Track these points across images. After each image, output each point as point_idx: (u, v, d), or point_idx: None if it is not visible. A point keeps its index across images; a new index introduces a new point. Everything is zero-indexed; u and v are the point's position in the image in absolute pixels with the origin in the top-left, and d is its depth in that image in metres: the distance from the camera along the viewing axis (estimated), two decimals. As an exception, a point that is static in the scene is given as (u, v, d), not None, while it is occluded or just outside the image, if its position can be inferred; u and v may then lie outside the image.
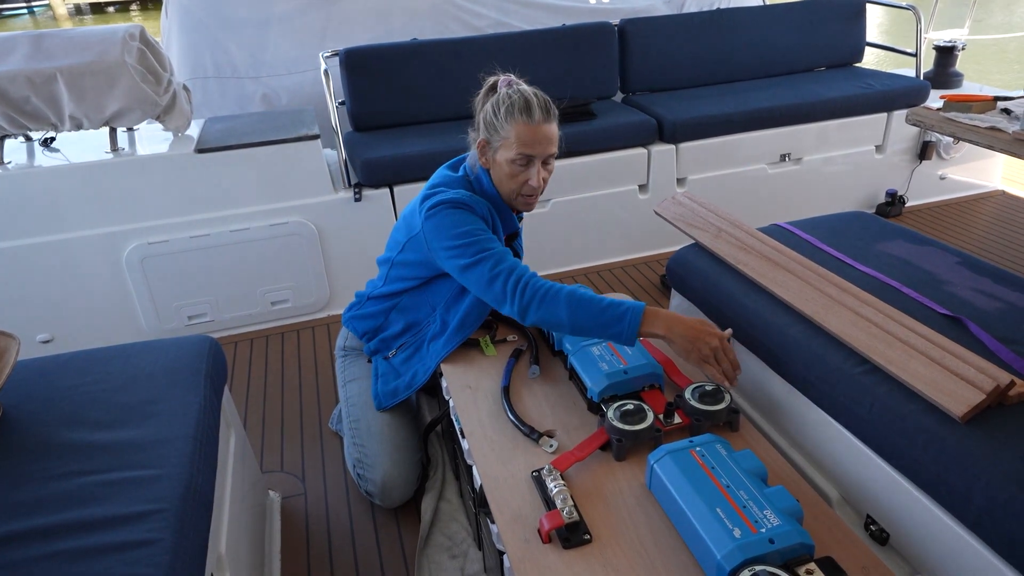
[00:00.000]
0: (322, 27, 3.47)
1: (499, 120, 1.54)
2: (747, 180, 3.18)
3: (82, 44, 2.29)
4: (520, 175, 1.57)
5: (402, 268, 1.74)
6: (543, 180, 1.59)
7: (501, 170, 1.58)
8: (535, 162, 1.56)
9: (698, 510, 1.05)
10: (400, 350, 1.81)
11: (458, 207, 1.55)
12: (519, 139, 1.52)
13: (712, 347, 1.35)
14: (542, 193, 1.65)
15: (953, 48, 3.62)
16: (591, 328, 1.39)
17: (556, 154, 1.60)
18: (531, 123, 1.52)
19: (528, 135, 1.52)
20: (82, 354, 1.43)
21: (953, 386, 1.14)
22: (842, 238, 1.80)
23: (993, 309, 1.43)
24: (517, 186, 1.59)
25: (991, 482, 1.03)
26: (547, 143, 1.55)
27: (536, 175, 1.57)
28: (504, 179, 1.59)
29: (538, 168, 1.57)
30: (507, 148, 1.54)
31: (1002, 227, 3.29)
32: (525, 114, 1.52)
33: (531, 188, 1.58)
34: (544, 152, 1.56)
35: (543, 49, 3.13)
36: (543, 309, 1.41)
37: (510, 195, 1.62)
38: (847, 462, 1.33)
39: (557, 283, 1.44)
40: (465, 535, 1.69)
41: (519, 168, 1.56)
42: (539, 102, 1.54)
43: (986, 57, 8.77)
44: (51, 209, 2.38)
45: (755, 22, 3.46)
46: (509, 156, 1.55)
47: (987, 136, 2.10)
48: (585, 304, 1.38)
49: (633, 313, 1.36)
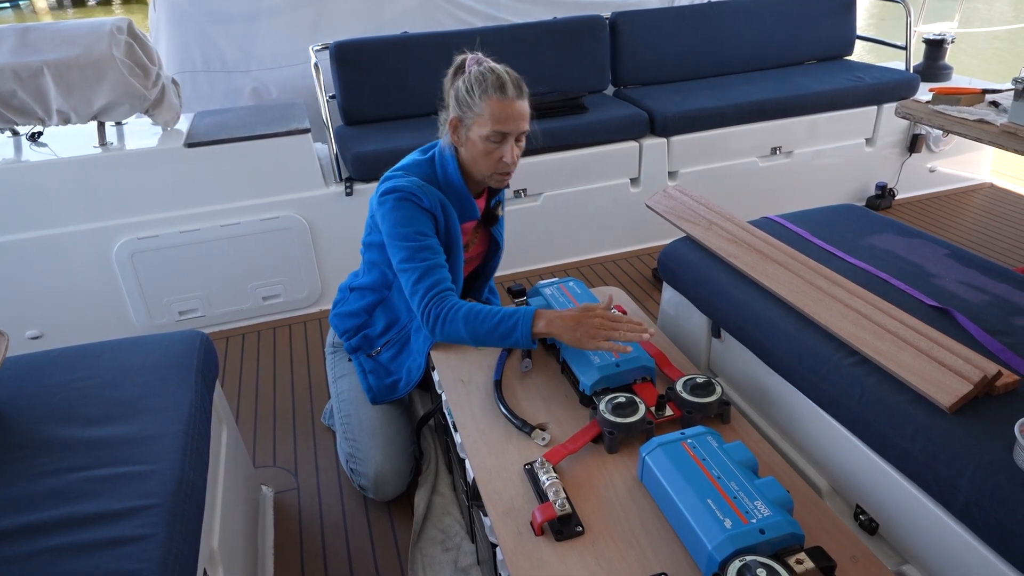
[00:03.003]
0: (312, 20, 3.45)
1: (473, 98, 1.55)
2: (738, 173, 3.19)
3: (69, 38, 2.27)
4: (494, 152, 1.58)
5: (373, 251, 1.76)
6: (516, 157, 1.60)
7: (475, 148, 1.59)
8: (509, 139, 1.57)
9: (689, 501, 1.06)
10: (385, 348, 1.82)
11: (405, 200, 1.57)
12: (493, 116, 1.53)
13: (596, 324, 1.38)
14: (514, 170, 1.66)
15: (943, 41, 3.63)
16: (491, 341, 1.49)
17: (528, 131, 1.61)
18: (505, 99, 1.53)
19: (502, 112, 1.53)
20: (72, 350, 1.42)
21: (941, 377, 1.15)
22: (832, 231, 1.81)
23: (981, 301, 1.44)
24: (492, 163, 1.59)
25: (978, 471, 1.04)
26: (521, 120, 1.56)
27: (510, 151, 1.58)
28: (478, 157, 1.60)
29: (512, 145, 1.58)
30: (481, 125, 1.55)
31: (990, 219, 3.32)
32: (499, 91, 1.53)
33: (506, 165, 1.59)
34: (518, 129, 1.57)
35: (534, 42, 3.13)
36: (446, 329, 1.51)
37: (484, 173, 1.62)
38: (837, 453, 1.34)
39: (460, 302, 1.52)
40: (458, 528, 1.69)
41: (493, 145, 1.57)
42: (512, 79, 1.56)
43: (976, 50, 8.81)
44: (39, 204, 2.36)
45: (746, 15, 3.47)
46: (483, 133, 1.55)
47: (975, 128, 2.12)
48: (481, 320, 1.48)
49: (524, 320, 1.45)
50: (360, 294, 1.84)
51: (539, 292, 1.70)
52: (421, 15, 3.56)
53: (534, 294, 1.71)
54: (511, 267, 3.04)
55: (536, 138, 1.75)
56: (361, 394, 1.82)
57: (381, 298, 1.82)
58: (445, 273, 1.57)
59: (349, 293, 1.88)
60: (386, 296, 1.81)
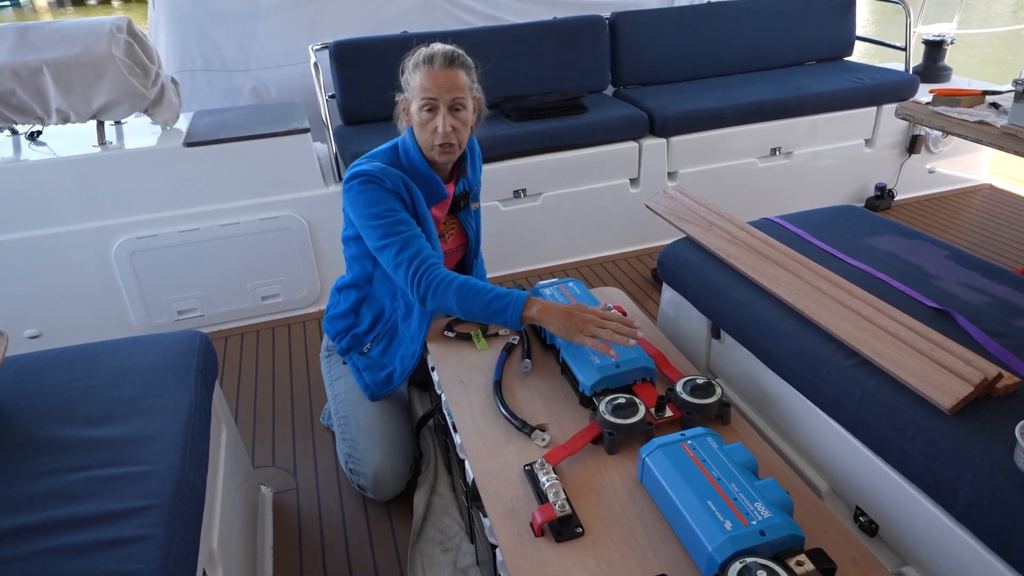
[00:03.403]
0: (311, 20, 3.45)
1: (407, 75, 1.62)
2: (737, 174, 3.19)
3: (69, 37, 2.27)
4: (429, 123, 1.60)
5: (351, 245, 1.79)
6: (452, 127, 1.60)
7: (415, 122, 1.63)
8: (440, 107, 1.59)
9: (689, 503, 1.06)
10: (375, 343, 1.83)
11: (369, 182, 1.59)
12: (422, 85, 1.58)
13: (586, 319, 1.42)
14: (461, 147, 1.67)
15: (942, 42, 3.63)
16: (480, 316, 1.54)
17: (466, 102, 1.62)
18: (432, 69, 1.57)
19: (429, 80, 1.57)
20: (71, 350, 1.42)
21: (941, 379, 1.15)
22: (832, 232, 1.81)
23: (981, 302, 1.44)
24: (429, 135, 1.61)
25: (979, 473, 1.04)
26: (449, 87, 1.58)
27: (443, 121, 1.59)
28: (419, 131, 1.63)
29: (444, 113, 1.59)
30: (416, 98, 1.60)
31: (990, 220, 3.32)
32: (427, 63, 1.58)
33: (440, 135, 1.60)
34: (447, 96, 1.58)
35: (534, 42, 3.13)
36: (437, 298, 1.54)
37: (428, 148, 1.64)
38: (837, 454, 1.34)
39: (453, 273, 1.55)
40: (458, 529, 1.69)
41: (427, 115, 1.60)
42: (443, 51, 1.59)
43: (975, 50, 8.82)
44: (38, 203, 2.35)
45: (745, 16, 3.47)
46: (418, 104, 1.60)
47: (976, 130, 2.12)
48: (474, 295, 1.52)
49: (516, 302, 1.50)
50: (346, 294, 1.85)
51: (539, 292, 1.70)
52: (421, 15, 3.56)
53: (534, 294, 1.71)
54: (510, 267, 3.04)
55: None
56: (358, 394, 1.82)
57: (364, 294, 1.83)
58: (425, 243, 1.59)
59: (338, 295, 1.89)
60: (368, 291, 1.82)
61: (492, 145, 2.79)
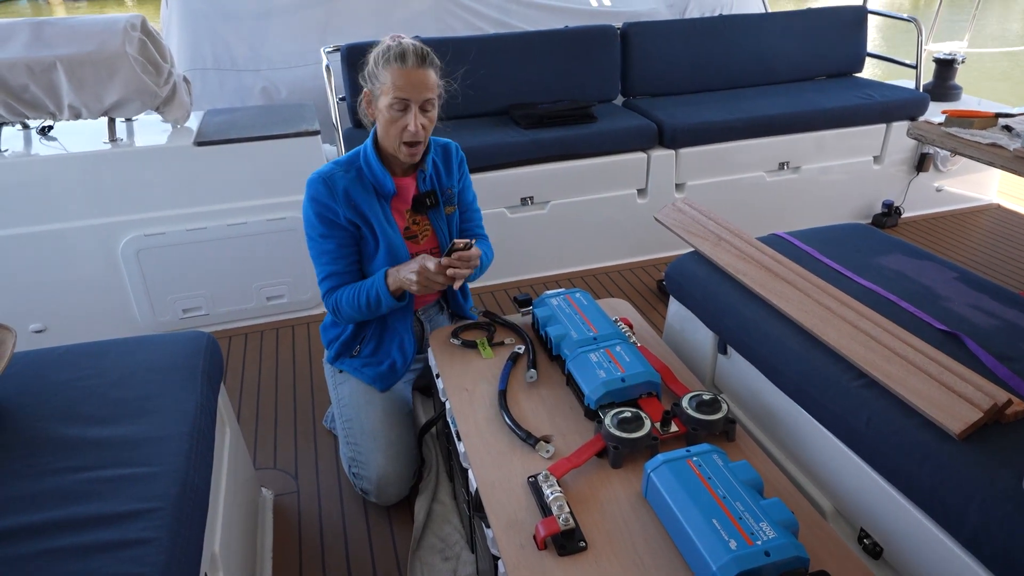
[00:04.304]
0: (323, 22, 3.46)
1: (378, 69, 1.61)
2: (745, 187, 3.19)
3: (83, 33, 2.27)
4: (399, 120, 1.61)
5: None
6: (422, 127, 1.62)
7: (383, 118, 1.64)
8: (411, 106, 1.60)
9: (694, 520, 1.06)
10: (363, 344, 1.85)
11: (310, 200, 1.69)
12: (394, 84, 1.58)
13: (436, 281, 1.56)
14: (427, 145, 1.71)
15: (953, 61, 3.64)
16: (376, 312, 1.71)
17: (435, 101, 1.64)
18: (404, 68, 1.57)
19: (402, 79, 1.57)
20: (78, 347, 1.42)
21: (950, 403, 1.15)
22: (841, 250, 1.81)
23: (990, 326, 1.44)
24: (397, 132, 1.63)
25: (987, 500, 1.04)
26: (422, 87, 1.59)
27: (413, 120, 1.60)
28: (386, 127, 1.64)
29: (415, 113, 1.60)
30: (385, 94, 1.60)
31: (997, 241, 3.31)
32: (399, 60, 1.58)
33: (410, 134, 1.61)
34: (419, 96, 1.60)
35: (545, 50, 3.13)
36: (342, 317, 1.75)
37: (393, 145, 1.66)
38: (842, 475, 1.33)
39: (341, 290, 1.71)
40: (458, 537, 1.69)
41: (397, 113, 1.60)
42: (415, 50, 1.59)
43: (986, 69, 8.82)
44: (47, 198, 2.36)
45: (757, 30, 3.47)
46: (387, 102, 1.60)
47: (988, 152, 2.11)
48: (356, 298, 1.68)
49: (380, 288, 1.65)
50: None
51: (545, 302, 1.70)
52: (433, 19, 3.57)
53: (540, 304, 1.71)
54: (516, 274, 3.04)
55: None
56: (363, 398, 1.81)
57: None
58: (340, 267, 1.71)
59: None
60: None
61: (500, 152, 2.79)
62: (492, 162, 2.80)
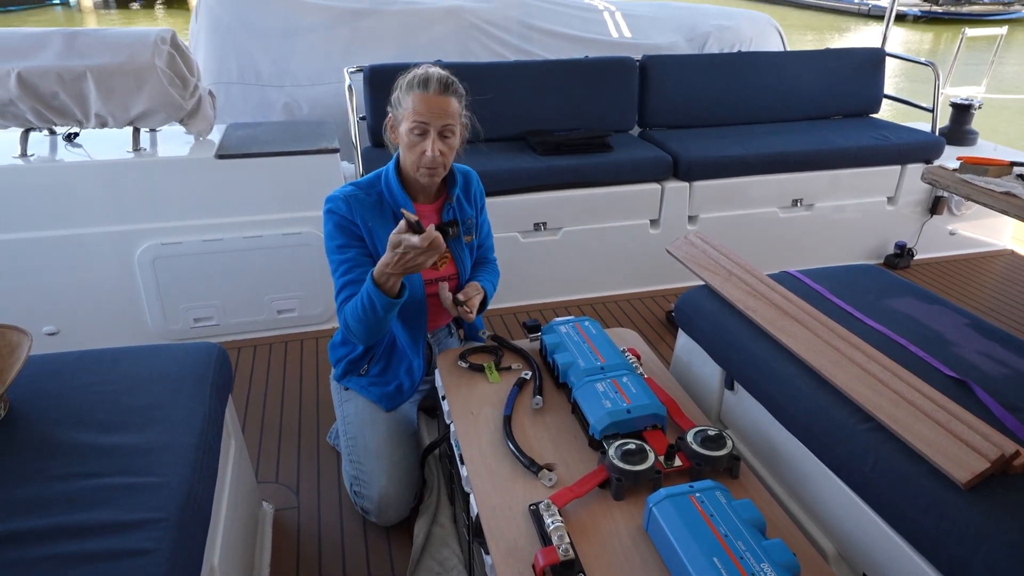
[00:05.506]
0: (347, 42, 3.52)
1: (400, 94, 1.65)
2: (758, 222, 3.20)
3: (114, 45, 2.33)
4: (418, 145, 1.64)
5: None
6: (440, 152, 1.64)
7: (403, 142, 1.66)
8: (430, 132, 1.62)
9: (695, 558, 1.05)
10: (372, 364, 1.86)
11: (330, 212, 1.70)
12: (415, 109, 1.61)
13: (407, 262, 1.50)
14: (447, 169, 1.72)
15: (969, 106, 3.65)
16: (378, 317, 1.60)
17: (455, 128, 1.66)
18: (426, 94, 1.60)
19: (422, 105, 1.60)
20: (91, 353, 1.44)
21: (957, 451, 1.14)
22: (852, 291, 1.81)
23: (1000, 375, 1.43)
24: (416, 157, 1.65)
25: (992, 552, 1.03)
26: (441, 114, 1.61)
27: (431, 146, 1.62)
28: (406, 151, 1.67)
29: (433, 139, 1.62)
30: (407, 119, 1.63)
31: (1010, 288, 3.30)
32: (422, 87, 1.61)
33: (427, 159, 1.64)
34: (438, 122, 1.62)
35: (565, 79, 3.17)
36: (351, 333, 1.67)
37: (413, 168, 1.68)
38: (845, 518, 1.32)
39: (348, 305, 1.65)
40: (456, 562, 1.68)
41: (417, 138, 1.63)
42: (438, 77, 1.62)
43: (1003, 116, 8.83)
44: (69, 203, 2.40)
45: (775, 67, 3.51)
46: (408, 126, 1.63)
47: (1002, 201, 2.12)
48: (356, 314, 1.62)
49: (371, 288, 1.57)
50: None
51: (554, 329, 1.71)
52: (455, 44, 3.62)
53: (549, 330, 1.72)
54: (526, 299, 3.05)
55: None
56: (368, 416, 1.82)
57: None
58: (356, 276, 1.68)
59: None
60: None
61: (515, 177, 2.82)
62: (507, 187, 2.83)
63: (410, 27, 3.60)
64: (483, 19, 3.66)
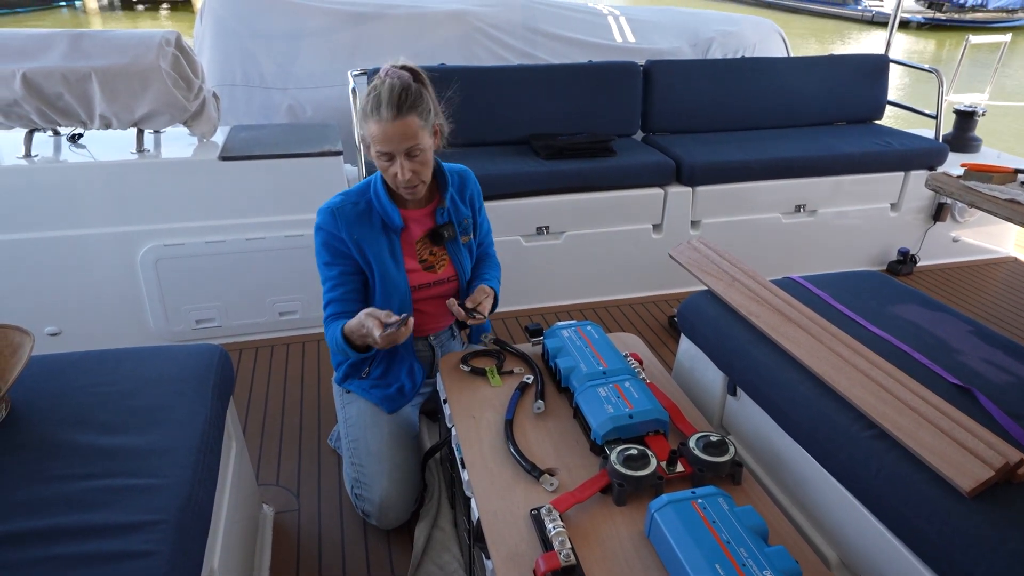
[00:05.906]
0: (351, 45, 3.53)
1: (363, 119, 1.60)
2: (760, 228, 3.19)
3: (119, 46, 2.34)
4: (388, 169, 1.63)
5: None
6: (412, 171, 1.62)
7: (376, 163, 1.65)
8: (396, 157, 1.60)
9: (697, 564, 1.05)
10: (372, 367, 1.85)
11: (318, 229, 1.72)
12: (375, 137, 1.57)
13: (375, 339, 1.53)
14: (427, 181, 1.70)
15: (973, 113, 3.65)
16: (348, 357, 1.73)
17: (422, 146, 1.60)
18: (380, 121, 1.55)
19: (380, 133, 1.56)
20: (94, 354, 1.44)
21: (962, 459, 1.13)
22: (855, 297, 1.81)
23: (1004, 382, 1.42)
24: (391, 179, 1.65)
25: (997, 561, 1.02)
26: (400, 139, 1.56)
27: (401, 169, 1.60)
28: (382, 172, 1.67)
29: (400, 162, 1.60)
30: (373, 144, 1.61)
31: (1014, 295, 3.29)
32: (375, 112, 1.55)
33: (401, 182, 1.63)
34: (400, 147, 1.58)
35: (568, 83, 3.17)
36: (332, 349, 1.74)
37: (394, 187, 1.68)
38: (848, 525, 1.32)
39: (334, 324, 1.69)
40: (457, 566, 1.67)
41: (385, 163, 1.62)
42: (389, 99, 1.53)
43: (1007, 122, 8.83)
44: (72, 204, 2.40)
45: (779, 73, 3.51)
46: (375, 151, 1.61)
47: (1006, 208, 2.11)
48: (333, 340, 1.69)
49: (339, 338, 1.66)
50: None
51: (556, 333, 1.71)
52: (459, 48, 3.63)
53: (551, 335, 1.71)
54: (528, 303, 3.05)
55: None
56: (370, 419, 1.82)
57: None
58: (338, 295, 1.73)
59: None
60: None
61: (519, 181, 2.82)
62: (510, 190, 2.83)
63: (414, 30, 3.61)
64: (487, 23, 3.67)
